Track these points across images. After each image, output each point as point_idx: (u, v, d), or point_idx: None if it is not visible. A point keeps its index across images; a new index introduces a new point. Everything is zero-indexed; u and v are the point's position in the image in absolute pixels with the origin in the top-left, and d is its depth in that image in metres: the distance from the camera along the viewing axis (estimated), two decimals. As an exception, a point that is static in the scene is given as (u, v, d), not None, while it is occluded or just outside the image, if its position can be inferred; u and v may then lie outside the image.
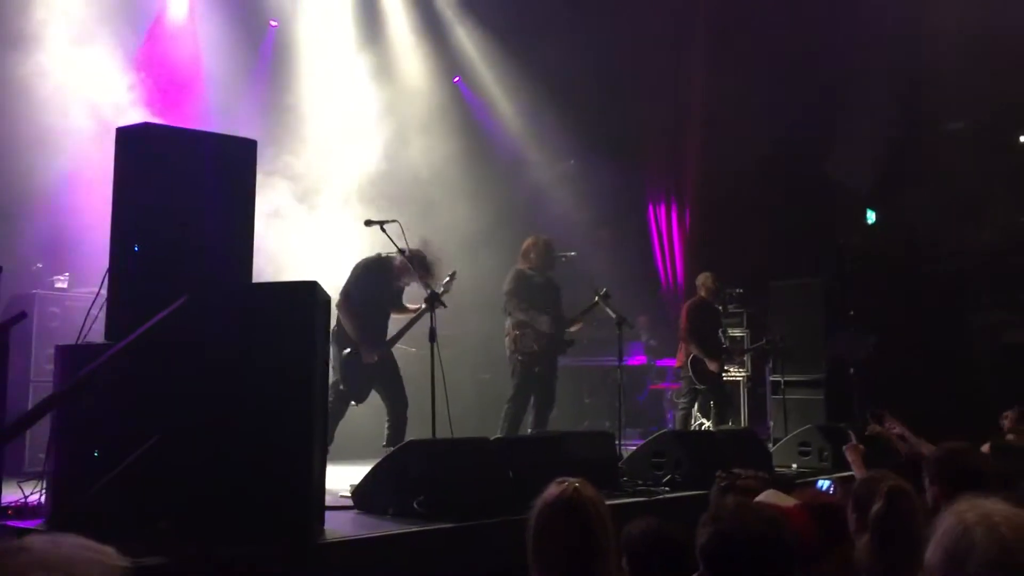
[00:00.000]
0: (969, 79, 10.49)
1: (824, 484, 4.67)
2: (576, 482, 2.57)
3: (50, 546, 1.02)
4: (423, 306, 6.79)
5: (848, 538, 3.52)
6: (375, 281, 6.97)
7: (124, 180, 4.81)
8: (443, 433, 5.81)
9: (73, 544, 1.03)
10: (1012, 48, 10.01)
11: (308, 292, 4.29)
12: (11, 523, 4.44)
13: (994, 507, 1.73)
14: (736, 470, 3.50)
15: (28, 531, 4.36)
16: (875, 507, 3.05)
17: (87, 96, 7.84)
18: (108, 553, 1.03)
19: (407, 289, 7.31)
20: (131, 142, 4.81)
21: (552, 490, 2.58)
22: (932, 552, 1.74)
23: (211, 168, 4.87)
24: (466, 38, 11.10)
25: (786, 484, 4.46)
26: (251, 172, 5.03)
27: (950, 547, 1.69)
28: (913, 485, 3.66)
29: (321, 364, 4.49)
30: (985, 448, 5.24)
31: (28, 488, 4.85)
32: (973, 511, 1.73)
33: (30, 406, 6.82)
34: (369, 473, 5.15)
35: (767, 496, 2.98)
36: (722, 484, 3.25)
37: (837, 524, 3.47)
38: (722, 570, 2.16)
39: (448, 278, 6.93)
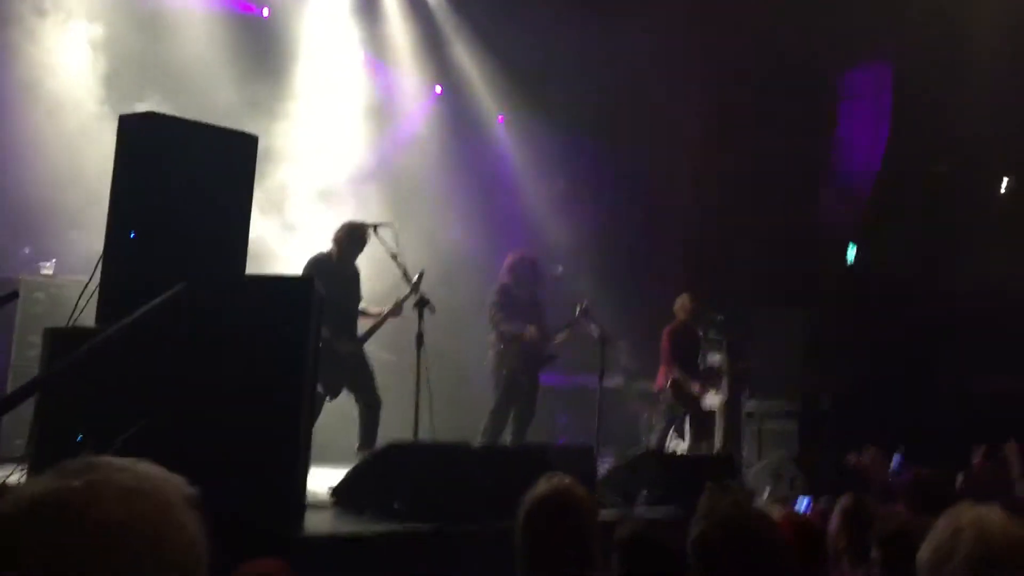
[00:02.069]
0: (954, 121, 10.68)
1: (804, 502, 4.75)
2: (566, 478, 2.60)
3: (127, 464, 1.06)
4: (389, 308, 6.89)
5: (825, 558, 3.60)
6: (323, 277, 6.82)
7: (124, 167, 4.83)
8: (426, 438, 5.84)
9: (150, 467, 1.07)
10: (996, 91, 10.21)
11: (305, 288, 4.32)
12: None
13: (989, 513, 1.79)
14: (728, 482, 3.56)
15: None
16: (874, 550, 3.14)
17: (78, 83, 7.87)
18: (179, 480, 1.08)
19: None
20: (134, 130, 4.84)
21: (543, 486, 2.60)
22: (923, 551, 1.80)
23: (212, 160, 4.90)
24: (463, 51, 11.16)
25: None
26: (251, 166, 5.07)
27: (939, 546, 1.76)
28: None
29: (311, 360, 4.51)
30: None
31: (7, 471, 4.83)
32: (968, 514, 1.79)
33: (9, 390, 6.79)
34: (350, 472, 5.17)
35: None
36: (714, 493, 3.29)
37: (815, 543, 3.55)
38: (713, 565, 2.19)
39: (417, 275, 6.79)
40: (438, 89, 11.31)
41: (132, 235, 4.71)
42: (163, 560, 0.98)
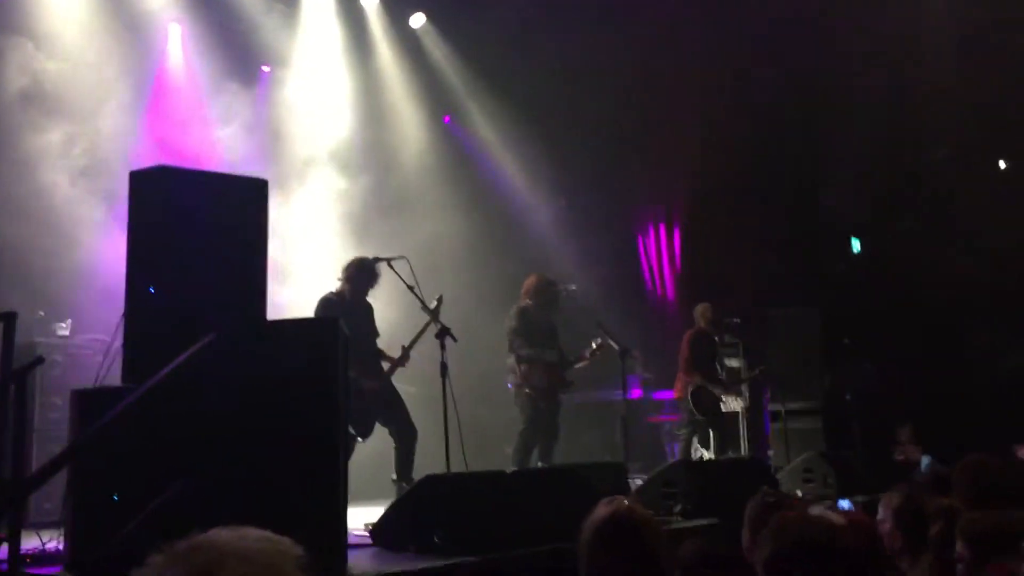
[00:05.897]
0: (951, 106, 10.72)
1: (845, 504, 4.72)
2: (625, 500, 2.58)
3: (237, 539, 1.05)
4: (398, 356, 7.01)
5: (885, 554, 3.56)
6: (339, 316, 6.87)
7: (139, 222, 4.82)
8: (457, 467, 5.80)
9: (258, 537, 1.07)
10: (992, 74, 10.26)
11: (332, 329, 4.30)
12: (32, 570, 4.39)
13: None
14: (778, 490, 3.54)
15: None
16: (933, 529, 3.11)
17: (88, 143, 7.91)
18: (287, 543, 1.07)
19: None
20: (145, 184, 4.84)
21: (602, 510, 2.57)
22: None
23: (225, 208, 4.89)
24: (455, 78, 11.25)
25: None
26: (263, 211, 5.05)
27: None
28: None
29: (344, 401, 4.49)
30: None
31: (45, 536, 4.80)
32: None
33: (34, 455, 6.76)
34: (388, 509, 5.14)
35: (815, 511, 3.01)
36: (769, 500, 3.26)
37: (876, 545, 3.52)
38: None
39: (436, 302, 6.88)
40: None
41: (151, 290, 4.70)
42: None
